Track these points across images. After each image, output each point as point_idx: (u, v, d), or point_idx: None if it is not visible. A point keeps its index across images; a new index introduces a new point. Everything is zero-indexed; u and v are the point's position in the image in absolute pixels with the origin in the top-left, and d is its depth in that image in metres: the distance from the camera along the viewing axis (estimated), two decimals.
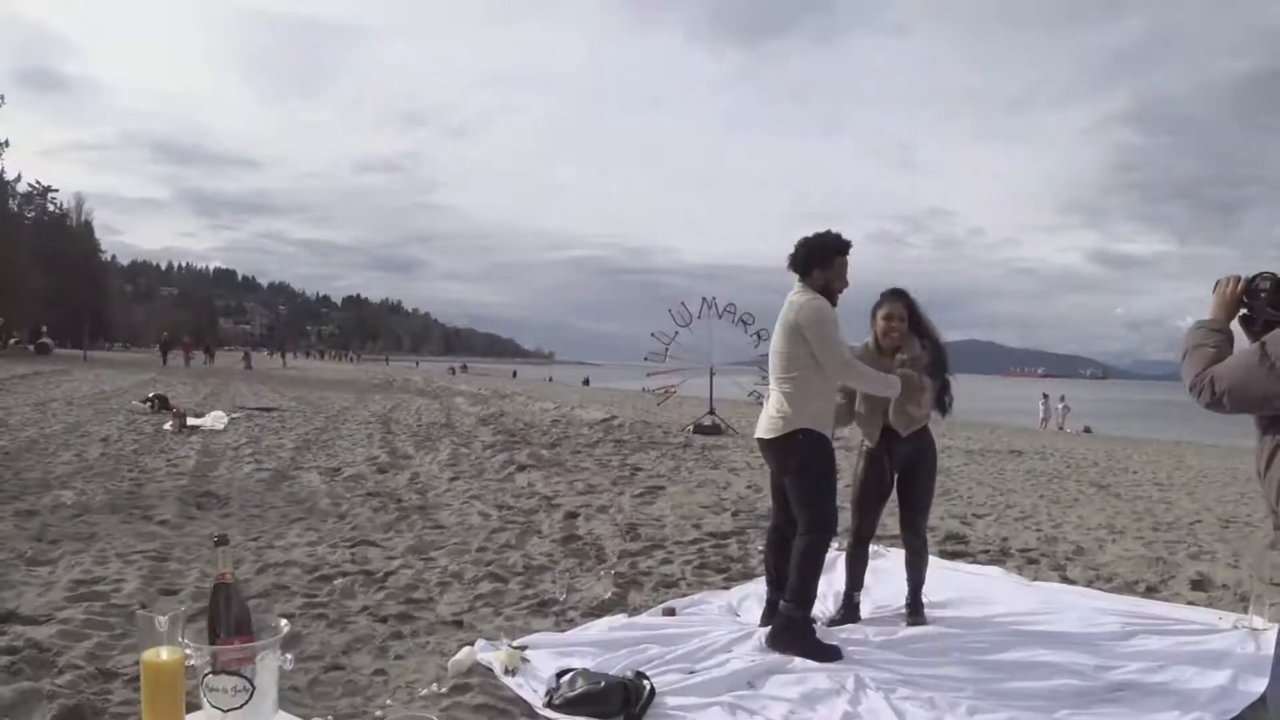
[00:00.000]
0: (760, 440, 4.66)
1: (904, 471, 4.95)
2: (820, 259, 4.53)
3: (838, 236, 4.57)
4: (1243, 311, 2.63)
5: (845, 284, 4.61)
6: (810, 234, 4.61)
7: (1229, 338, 2.59)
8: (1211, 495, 11.98)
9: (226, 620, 1.97)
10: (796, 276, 4.59)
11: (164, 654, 1.91)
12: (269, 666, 1.99)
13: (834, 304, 4.55)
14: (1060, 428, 33.71)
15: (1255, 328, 2.59)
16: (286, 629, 2.07)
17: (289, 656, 2.04)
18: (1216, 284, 2.69)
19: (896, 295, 4.95)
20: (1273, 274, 2.56)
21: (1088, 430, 32.70)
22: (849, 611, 5.04)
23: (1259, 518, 9.60)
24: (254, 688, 1.93)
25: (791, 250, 4.61)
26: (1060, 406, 35.54)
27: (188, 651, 1.94)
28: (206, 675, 1.92)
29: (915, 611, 4.99)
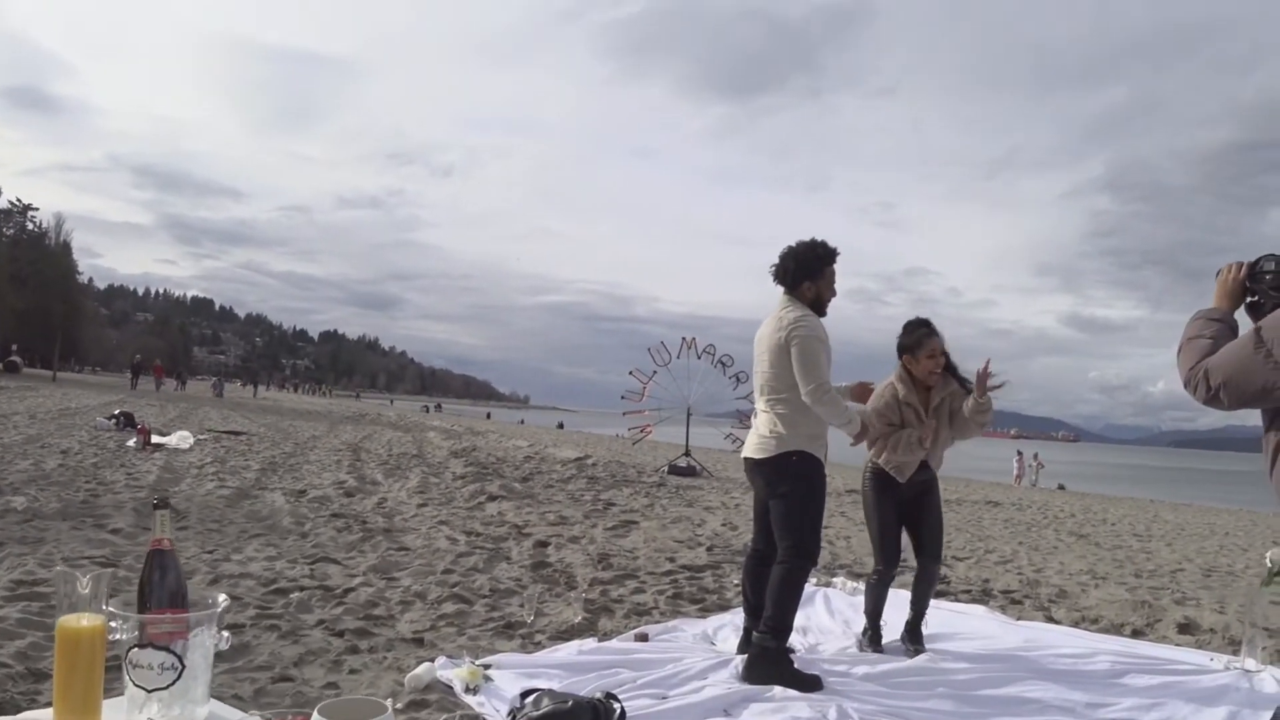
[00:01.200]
0: (749, 460, 4.43)
1: (919, 498, 4.83)
2: (809, 271, 4.34)
3: (824, 244, 4.39)
4: (1249, 299, 2.44)
5: (834, 293, 4.44)
6: (795, 244, 4.41)
7: (1230, 328, 2.39)
8: (1191, 547, 11.89)
9: (159, 590, 1.75)
10: (782, 290, 4.41)
11: (84, 620, 1.66)
12: (202, 644, 1.75)
13: (824, 314, 4.39)
14: (1034, 484, 33.70)
15: (1263, 315, 2.39)
16: (225, 604, 1.85)
17: (226, 635, 1.81)
18: (1219, 272, 2.51)
19: (933, 330, 4.78)
20: (1276, 255, 2.38)
21: (1061, 487, 32.70)
22: (875, 635, 4.88)
23: (1240, 568, 9.51)
24: (184, 666, 1.71)
25: (776, 262, 4.42)
26: (1034, 463, 35.56)
27: (113, 625, 1.71)
28: (131, 650, 1.69)
29: (916, 639, 4.82)
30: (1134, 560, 9.87)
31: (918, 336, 4.76)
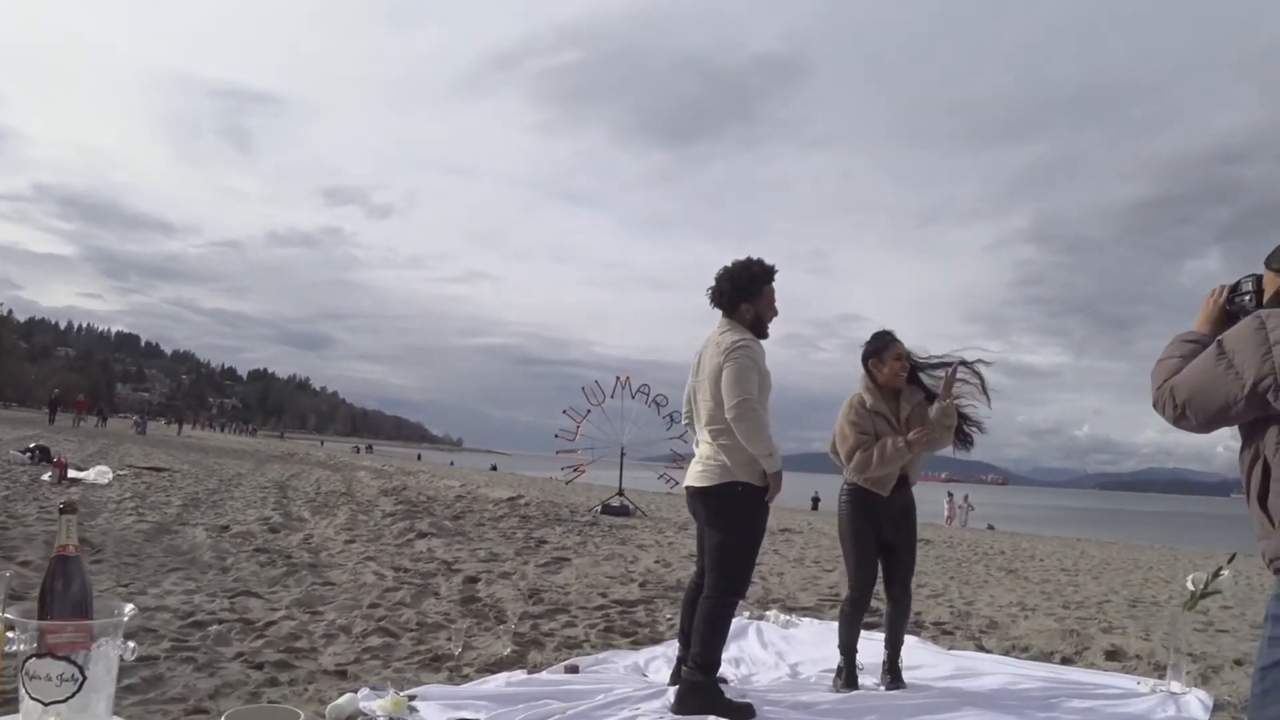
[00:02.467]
0: (692, 489, 4.25)
1: (897, 520, 4.68)
2: (747, 292, 4.20)
3: (761, 263, 4.25)
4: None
5: (775, 312, 4.30)
6: (730, 264, 4.27)
7: (1203, 349, 2.30)
8: (1117, 580, 12.14)
9: (63, 598, 1.65)
10: (720, 313, 4.28)
11: None
12: (106, 655, 1.66)
13: (765, 335, 4.25)
14: (964, 525, 34.13)
15: None
16: (131, 613, 1.76)
17: (131, 645, 1.72)
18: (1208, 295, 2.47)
19: (896, 337, 4.68)
20: (1256, 274, 2.36)
21: (991, 528, 33.18)
22: (851, 675, 4.66)
23: (1164, 599, 9.71)
24: (85, 678, 1.61)
25: (712, 285, 4.28)
26: (964, 505, 36.05)
27: (10, 634, 1.61)
28: (29, 660, 1.60)
29: (898, 677, 4.65)
30: (1062, 593, 10.05)
31: (883, 341, 4.66)
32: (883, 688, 4.64)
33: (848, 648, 4.68)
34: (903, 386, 4.66)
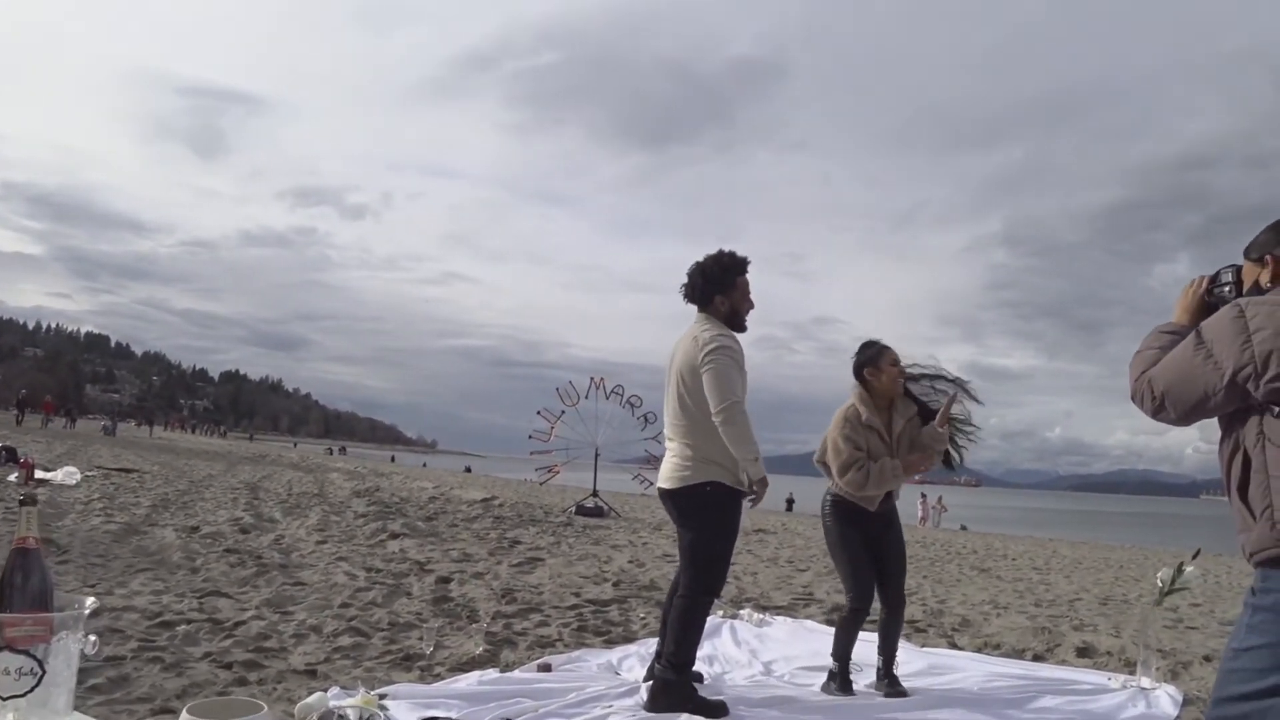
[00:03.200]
0: (663, 490, 4.21)
1: (883, 530, 4.62)
2: (719, 284, 4.16)
3: (733, 254, 4.21)
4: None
5: (751, 305, 4.24)
6: (703, 258, 4.23)
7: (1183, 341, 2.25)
8: (1089, 579, 12.25)
9: (22, 591, 1.62)
10: (695, 308, 4.23)
11: None
12: (67, 649, 1.63)
13: (743, 328, 4.21)
14: (937, 526, 34.35)
15: None
16: (93, 605, 1.73)
17: (93, 639, 1.69)
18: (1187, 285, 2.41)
19: (885, 345, 4.59)
20: (1235, 265, 2.31)
21: (964, 528, 33.40)
22: (845, 684, 4.55)
23: (1134, 597, 9.80)
24: (44, 672, 1.58)
25: (685, 280, 4.24)
26: (938, 506, 36.28)
27: None
28: None
29: (896, 683, 4.55)
30: (1034, 591, 10.13)
31: (876, 348, 4.56)
32: (880, 695, 4.55)
33: (844, 658, 4.58)
34: (899, 395, 4.57)
